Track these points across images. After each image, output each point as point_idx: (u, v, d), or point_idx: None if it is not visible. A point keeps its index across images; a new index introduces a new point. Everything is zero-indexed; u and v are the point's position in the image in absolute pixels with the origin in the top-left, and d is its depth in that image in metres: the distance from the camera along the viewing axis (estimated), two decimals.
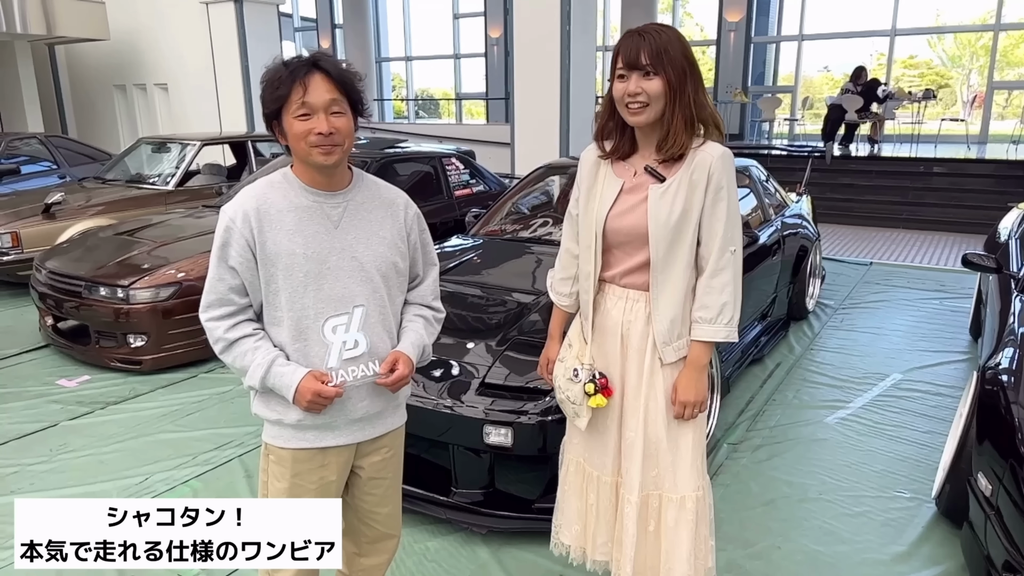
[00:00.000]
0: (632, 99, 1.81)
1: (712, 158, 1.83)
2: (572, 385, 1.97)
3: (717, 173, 1.82)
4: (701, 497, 1.95)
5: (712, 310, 1.86)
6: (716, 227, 1.85)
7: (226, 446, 3.60)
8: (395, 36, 20.79)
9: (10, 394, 4.28)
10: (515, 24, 8.30)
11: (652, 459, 1.95)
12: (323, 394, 1.63)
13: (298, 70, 1.59)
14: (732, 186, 1.86)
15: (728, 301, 1.86)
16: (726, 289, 1.86)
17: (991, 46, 13.38)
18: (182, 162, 7.07)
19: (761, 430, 3.71)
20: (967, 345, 4.90)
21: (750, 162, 5.12)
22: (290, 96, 1.59)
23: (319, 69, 1.60)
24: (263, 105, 1.65)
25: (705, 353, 1.90)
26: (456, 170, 6.40)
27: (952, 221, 9.01)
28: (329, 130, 1.60)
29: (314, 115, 1.60)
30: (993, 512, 2.30)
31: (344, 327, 1.69)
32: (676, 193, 1.83)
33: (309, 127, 1.60)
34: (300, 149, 1.63)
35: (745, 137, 14.63)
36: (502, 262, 3.99)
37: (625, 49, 1.81)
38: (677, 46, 1.80)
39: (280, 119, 1.63)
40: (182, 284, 4.49)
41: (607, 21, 17.72)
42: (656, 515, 1.96)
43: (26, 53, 11.56)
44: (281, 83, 1.59)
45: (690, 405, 1.89)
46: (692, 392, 1.89)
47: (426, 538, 2.82)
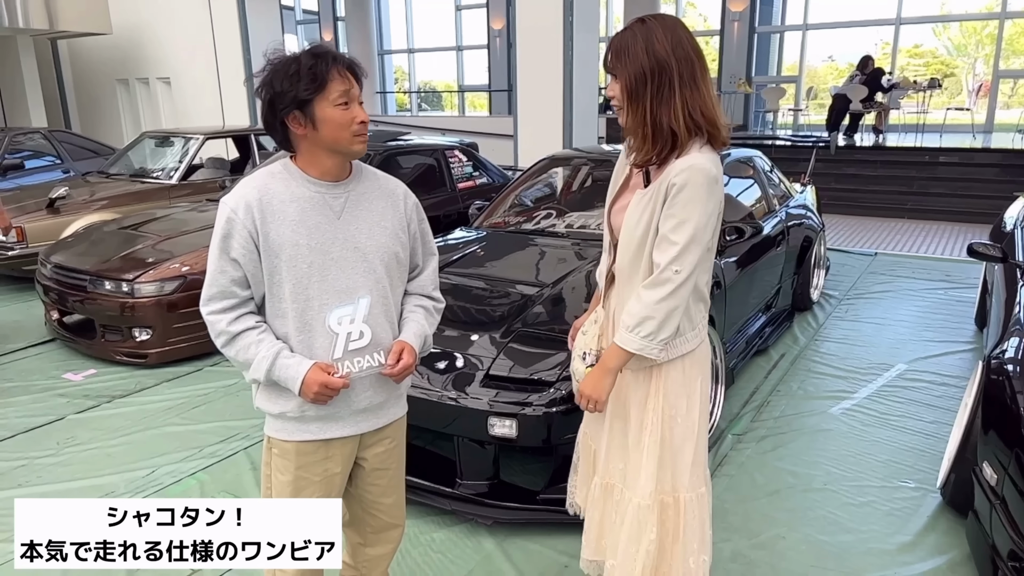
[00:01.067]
0: (612, 101, 1.79)
1: (675, 170, 1.70)
2: (580, 364, 1.96)
3: (676, 186, 1.69)
4: (647, 507, 1.87)
5: (633, 318, 1.75)
6: (663, 243, 1.72)
7: (232, 439, 3.61)
8: (397, 28, 20.73)
9: (17, 388, 4.30)
10: (518, 15, 8.28)
11: (616, 452, 1.96)
12: (330, 385, 1.63)
13: (332, 60, 1.60)
14: (692, 203, 1.68)
15: (651, 317, 1.72)
16: (652, 306, 1.72)
17: (997, 34, 13.30)
18: (185, 156, 7.08)
19: (766, 420, 3.71)
20: (972, 335, 4.89)
21: (754, 152, 5.10)
22: (330, 84, 1.59)
23: (343, 63, 1.63)
24: (281, 95, 1.59)
25: (617, 356, 1.79)
26: (459, 162, 6.39)
27: (957, 211, 8.98)
28: (367, 121, 1.66)
29: (352, 104, 1.62)
30: (998, 501, 2.30)
31: (349, 318, 1.68)
32: (648, 202, 1.76)
33: (352, 115, 1.62)
34: (341, 138, 1.63)
35: (749, 127, 14.58)
36: (506, 254, 3.98)
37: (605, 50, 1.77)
38: (641, 44, 1.69)
39: (306, 109, 1.60)
40: (186, 278, 4.50)
41: (610, 12, 17.64)
42: (618, 507, 1.96)
43: (29, 48, 11.56)
44: (316, 72, 1.57)
45: (584, 397, 1.85)
46: (590, 386, 1.84)
47: (431, 529, 2.83)
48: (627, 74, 1.71)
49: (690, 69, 1.70)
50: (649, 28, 1.71)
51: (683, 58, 1.70)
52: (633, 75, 1.70)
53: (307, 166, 1.69)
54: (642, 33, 1.71)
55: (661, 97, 1.70)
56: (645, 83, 1.70)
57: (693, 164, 1.70)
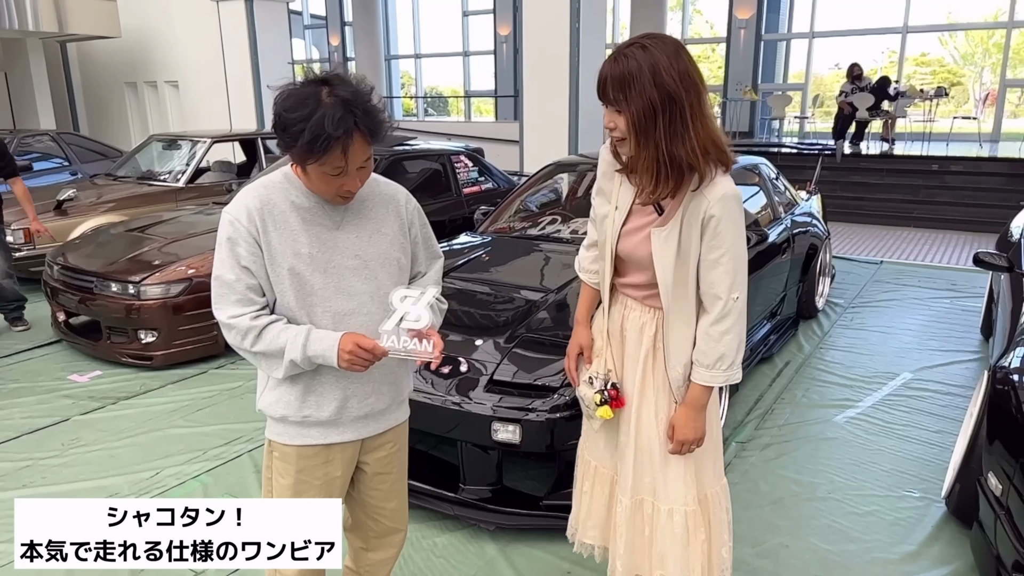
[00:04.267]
0: (612, 132, 1.69)
1: (709, 202, 1.67)
2: (587, 389, 1.95)
3: (715, 218, 1.67)
4: (693, 512, 1.89)
5: (710, 357, 1.77)
6: (716, 274, 1.73)
7: (236, 441, 3.62)
8: (404, 33, 20.81)
9: (23, 389, 4.32)
10: (524, 21, 8.31)
11: (645, 467, 1.92)
12: (362, 344, 1.58)
13: (341, 132, 1.49)
14: (733, 229, 1.70)
15: (726, 352, 1.76)
16: (724, 338, 1.75)
17: (1004, 43, 13.28)
18: (192, 159, 7.11)
19: (770, 428, 3.70)
20: (978, 344, 4.87)
21: (760, 160, 5.10)
22: (327, 158, 1.52)
23: (359, 130, 1.53)
24: (282, 134, 1.54)
25: (704, 394, 1.82)
26: (465, 168, 6.41)
27: (964, 220, 8.95)
28: (357, 189, 1.64)
29: (345, 175, 1.58)
30: (1003, 512, 2.29)
31: (413, 300, 1.63)
32: (674, 237, 1.73)
33: (340, 183, 1.60)
34: (325, 192, 1.63)
35: (755, 135, 14.57)
36: (511, 259, 3.99)
37: (599, 77, 1.65)
38: (647, 75, 1.58)
39: (304, 162, 1.57)
40: (192, 280, 4.51)
41: (616, 19, 17.67)
42: (650, 521, 1.94)
43: (38, 50, 11.65)
44: (317, 143, 1.49)
45: (688, 443, 1.84)
46: (690, 431, 1.82)
47: (434, 534, 2.83)
48: (634, 109, 1.61)
49: (698, 97, 1.64)
50: (652, 56, 1.60)
51: (691, 86, 1.62)
52: (641, 110, 1.60)
53: (303, 177, 1.67)
54: (646, 62, 1.59)
55: (674, 130, 1.61)
56: (655, 117, 1.60)
57: (726, 193, 1.69)
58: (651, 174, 1.67)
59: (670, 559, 1.90)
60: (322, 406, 1.72)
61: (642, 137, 1.64)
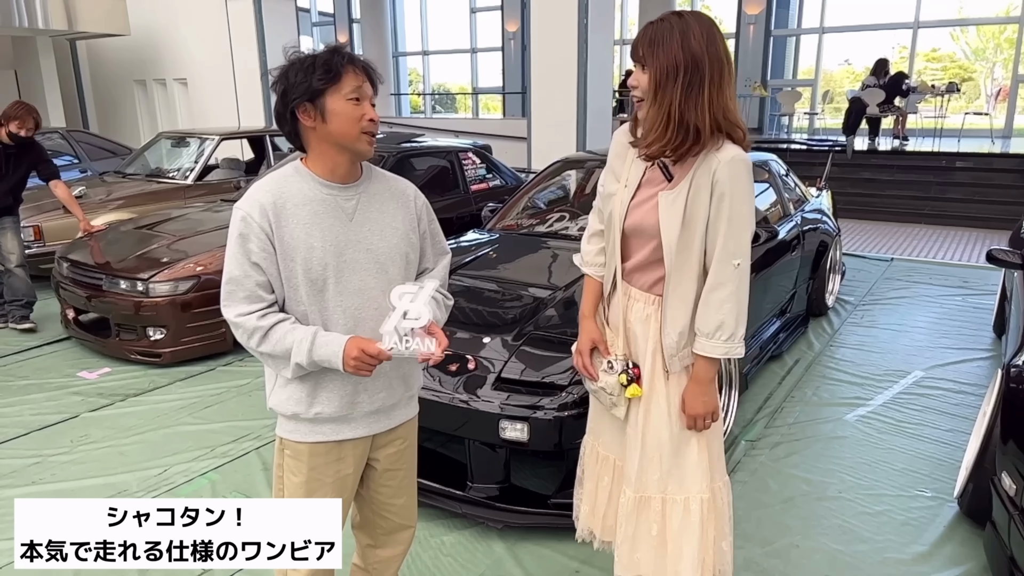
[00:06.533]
0: (633, 91, 1.78)
1: (719, 163, 1.71)
2: (607, 376, 1.92)
3: (722, 180, 1.71)
4: (708, 500, 1.88)
5: (709, 325, 1.77)
6: (719, 238, 1.74)
7: (244, 439, 3.62)
8: (412, 30, 20.79)
9: (32, 385, 4.34)
10: (532, 18, 8.28)
11: (654, 463, 1.89)
12: (367, 350, 1.59)
13: (348, 59, 1.62)
14: (741, 193, 1.73)
15: (725, 320, 1.76)
16: (724, 306, 1.75)
17: (1016, 39, 13.15)
18: (201, 156, 7.13)
19: (780, 427, 3.68)
20: (991, 343, 4.83)
21: (769, 156, 5.06)
22: (344, 78, 1.60)
23: (359, 63, 1.64)
24: (295, 86, 1.60)
25: (708, 367, 1.82)
26: (472, 164, 6.39)
27: (976, 216, 8.87)
28: (378, 120, 1.67)
29: (364, 101, 1.63)
30: (1017, 512, 2.27)
31: (411, 296, 1.62)
32: (681, 199, 1.75)
33: (363, 111, 1.63)
34: (350, 133, 1.63)
35: (765, 131, 14.50)
36: (518, 257, 3.98)
37: (635, 38, 1.76)
38: (677, 37, 1.68)
39: (317, 101, 1.60)
40: (201, 278, 4.52)
41: (624, 15, 17.61)
42: (659, 519, 1.91)
43: (48, 48, 11.70)
44: (331, 65, 1.59)
45: (699, 417, 1.84)
46: (700, 405, 1.83)
47: (442, 532, 2.82)
48: (658, 65, 1.69)
49: (720, 70, 1.70)
50: (686, 23, 1.70)
51: (715, 58, 1.70)
52: (664, 67, 1.68)
53: (316, 165, 1.68)
54: (679, 26, 1.69)
55: (690, 92, 1.69)
56: (676, 76, 1.68)
57: (735, 156, 1.72)
58: (657, 126, 1.73)
59: (687, 550, 1.87)
60: (332, 401, 1.72)
61: (660, 92, 1.70)
